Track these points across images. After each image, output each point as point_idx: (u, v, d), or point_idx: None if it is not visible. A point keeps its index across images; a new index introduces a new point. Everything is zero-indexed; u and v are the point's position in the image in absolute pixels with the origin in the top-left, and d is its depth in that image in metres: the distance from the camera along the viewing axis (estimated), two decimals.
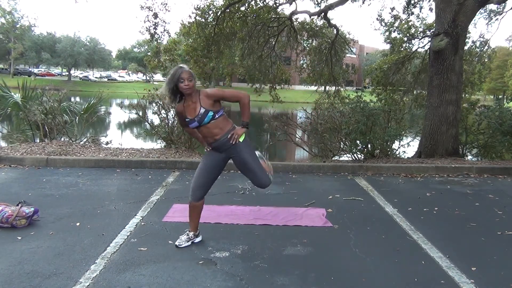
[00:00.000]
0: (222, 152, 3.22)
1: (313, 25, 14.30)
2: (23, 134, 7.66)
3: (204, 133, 3.18)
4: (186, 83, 3.04)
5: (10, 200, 3.94)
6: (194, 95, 3.12)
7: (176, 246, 3.25)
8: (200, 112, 3.07)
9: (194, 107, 3.10)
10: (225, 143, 3.16)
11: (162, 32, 12.03)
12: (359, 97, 7.18)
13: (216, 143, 3.17)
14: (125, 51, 73.83)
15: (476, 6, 7.41)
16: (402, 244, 3.50)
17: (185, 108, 3.14)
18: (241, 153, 3.19)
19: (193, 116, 3.11)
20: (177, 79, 3.03)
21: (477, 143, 7.83)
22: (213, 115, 3.09)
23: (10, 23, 55.11)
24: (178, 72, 3.04)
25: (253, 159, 3.24)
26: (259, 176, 3.25)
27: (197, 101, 3.10)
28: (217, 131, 3.14)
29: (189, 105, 3.13)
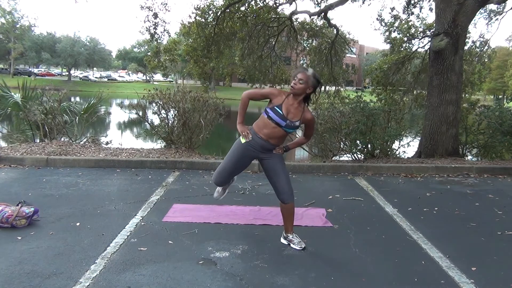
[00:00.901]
0: (258, 152, 3.22)
1: (313, 25, 14.32)
2: (23, 134, 7.65)
3: (270, 132, 3.15)
4: (296, 81, 3.08)
5: (10, 200, 3.94)
6: (299, 103, 3.15)
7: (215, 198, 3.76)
8: (296, 123, 3.14)
9: (294, 112, 3.13)
10: (270, 149, 3.22)
11: (162, 32, 12.07)
12: (359, 97, 7.18)
13: (266, 144, 3.18)
14: (125, 51, 73.85)
15: (476, 6, 7.41)
16: (402, 244, 3.50)
17: (285, 102, 3.12)
18: (276, 160, 3.25)
19: (287, 117, 3.11)
20: (293, 75, 3.13)
21: (477, 143, 7.83)
22: (293, 131, 3.28)
23: (10, 23, 55.11)
24: (297, 71, 3.15)
25: (284, 172, 3.28)
26: (285, 187, 3.24)
27: (300, 112, 3.15)
28: (278, 140, 3.21)
29: (291, 104, 3.13)
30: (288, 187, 3.25)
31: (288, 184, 3.25)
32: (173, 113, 7.07)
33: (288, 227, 3.37)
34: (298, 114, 3.14)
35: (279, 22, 12.27)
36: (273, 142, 3.19)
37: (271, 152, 3.24)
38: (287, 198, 3.25)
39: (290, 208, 3.30)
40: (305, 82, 3.07)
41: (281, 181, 3.24)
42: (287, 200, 3.26)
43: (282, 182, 3.24)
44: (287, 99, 3.13)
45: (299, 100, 3.14)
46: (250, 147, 3.21)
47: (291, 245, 3.31)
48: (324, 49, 14.20)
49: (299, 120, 3.15)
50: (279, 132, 3.15)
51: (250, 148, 3.21)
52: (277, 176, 3.24)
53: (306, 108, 3.21)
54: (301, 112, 3.15)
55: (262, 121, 3.19)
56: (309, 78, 3.08)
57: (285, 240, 3.38)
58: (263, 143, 3.18)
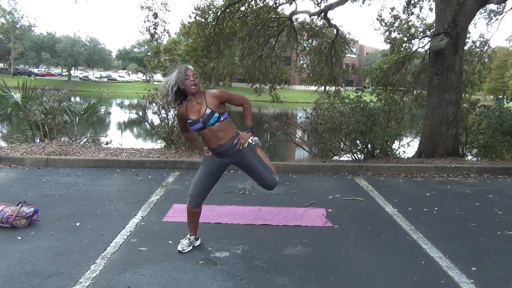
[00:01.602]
0: (225, 158, 3.10)
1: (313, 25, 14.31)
2: (23, 134, 7.66)
3: (208, 136, 3.02)
4: (191, 79, 2.92)
5: (10, 200, 3.94)
6: (199, 95, 3.00)
7: (180, 251, 3.14)
8: (206, 112, 2.94)
9: (198, 108, 2.97)
10: (230, 148, 3.04)
11: (162, 32, 12.05)
12: (359, 97, 7.18)
13: (220, 148, 3.04)
14: (125, 51, 73.82)
15: (476, 6, 7.41)
16: (402, 244, 3.50)
17: (188, 109, 3.00)
18: (245, 157, 3.08)
19: (197, 117, 2.97)
20: (183, 76, 2.92)
21: (477, 143, 7.83)
22: (218, 117, 2.97)
23: (10, 23, 55.09)
24: (183, 69, 2.95)
25: (257, 161, 3.11)
26: (264, 176, 3.11)
27: (203, 101, 2.97)
28: (221, 135, 3.01)
29: (193, 105, 3.00)
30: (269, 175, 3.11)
31: (267, 172, 3.11)
32: (173, 113, 7.08)
33: None
34: (203, 106, 2.96)
35: (279, 22, 12.27)
36: (223, 142, 3.02)
37: (235, 150, 3.05)
38: (272, 186, 3.15)
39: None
40: (197, 75, 2.98)
41: (259, 173, 3.10)
42: (273, 187, 3.16)
43: (260, 173, 3.10)
44: (188, 106, 3.01)
45: (197, 95, 2.99)
46: (214, 156, 3.13)
47: None
48: (324, 49, 14.20)
49: (208, 108, 2.95)
50: (209, 132, 3.00)
51: (214, 158, 3.13)
52: (253, 169, 3.11)
53: (206, 92, 3.03)
54: (204, 101, 2.97)
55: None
56: (194, 70, 2.99)
57: None
58: (220, 150, 3.05)
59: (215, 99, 2.99)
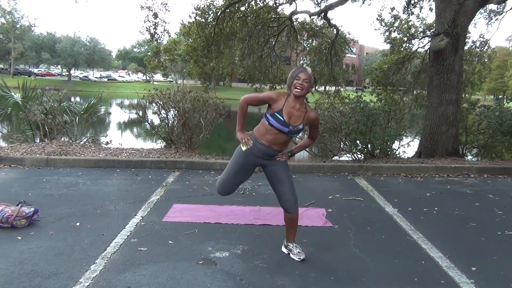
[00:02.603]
0: (261, 159, 3.05)
1: (313, 25, 14.32)
2: (23, 134, 7.66)
3: (275, 137, 2.97)
4: (300, 82, 2.88)
5: (10, 200, 3.94)
6: (301, 104, 2.96)
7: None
8: (299, 127, 2.96)
9: (297, 115, 2.94)
10: (273, 155, 3.05)
11: (162, 32, 12.07)
12: (359, 97, 7.18)
13: (269, 150, 3.01)
14: (125, 51, 73.85)
15: (476, 6, 7.41)
16: (402, 244, 3.50)
17: (285, 105, 2.92)
18: (280, 167, 3.08)
19: (288, 121, 2.92)
20: (295, 76, 2.91)
21: (477, 143, 7.83)
22: (296, 135, 3.08)
23: (10, 23, 55.11)
24: (298, 70, 2.94)
25: (289, 176, 3.11)
26: (289, 195, 3.05)
27: (302, 112, 2.95)
28: (282, 143, 3.04)
29: (291, 106, 2.93)
30: (292, 196, 3.06)
31: (292, 193, 3.06)
32: (173, 113, 7.07)
33: (290, 236, 3.20)
34: (301, 117, 2.96)
35: (279, 22, 12.27)
36: (276, 148, 3.01)
37: (274, 158, 3.06)
38: (290, 208, 3.07)
39: (293, 218, 3.11)
40: (309, 81, 2.90)
41: (284, 189, 3.06)
42: (291, 209, 3.08)
43: (285, 190, 3.06)
44: (287, 103, 2.93)
45: (301, 101, 2.96)
46: (252, 154, 3.03)
47: (290, 255, 3.16)
48: (324, 49, 14.21)
49: (302, 123, 2.97)
50: (282, 137, 2.98)
51: (252, 155, 3.03)
52: (281, 184, 3.07)
53: (309, 107, 3.02)
54: (304, 113, 2.96)
55: (263, 127, 3.00)
56: (311, 77, 2.93)
57: (285, 249, 3.24)
58: (265, 149, 3.00)
59: (310, 121, 3.04)
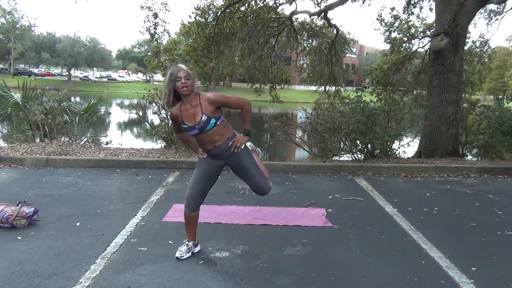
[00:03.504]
0: (220, 159, 3.02)
1: (313, 25, 14.31)
2: (23, 134, 7.66)
3: (203, 140, 2.95)
4: (183, 81, 2.79)
5: (10, 200, 3.94)
6: (194, 98, 2.87)
7: (178, 258, 3.04)
8: (202, 119, 2.84)
9: (193, 112, 2.86)
10: (226, 150, 2.97)
11: (162, 32, 12.05)
12: (359, 97, 7.18)
13: (215, 150, 2.96)
14: (125, 51, 73.82)
15: (476, 6, 7.41)
16: (402, 244, 3.50)
17: (182, 112, 2.89)
18: (240, 159, 3.01)
19: (192, 123, 2.87)
20: (174, 78, 2.81)
21: (477, 143, 7.83)
22: (215, 122, 2.87)
23: (10, 23, 55.10)
24: (175, 71, 2.83)
25: (251, 164, 3.04)
26: (258, 181, 3.04)
27: (198, 105, 2.85)
28: (217, 138, 2.93)
29: (187, 109, 2.88)
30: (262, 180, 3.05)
31: (262, 178, 3.05)
32: None
33: None
34: (198, 110, 2.85)
35: (279, 22, 12.26)
36: (218, 144, 2.94)
37: (230, 152, 2.98)
38: (266, 190, 3.08)
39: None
40: (190, 77, 2.82)
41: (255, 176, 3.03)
42: (267, 191, 3.08)
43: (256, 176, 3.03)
44: (182, 109, 2.89)
45: (192, 97, 2.87)
46: (209, 158, 3.04)
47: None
48: (324, 49, 14.19)
49: (203, 113, 2.84)
50: (205, 136, 2.91)
51: (209, 159, 3.04)
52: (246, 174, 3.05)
53: (201, 95, 2.89)
54: (199, 105, 2.85)
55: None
56: (188, 71, 2.85)
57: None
58: (212, 152, 2.98)
59: (210, 104, 2.86)
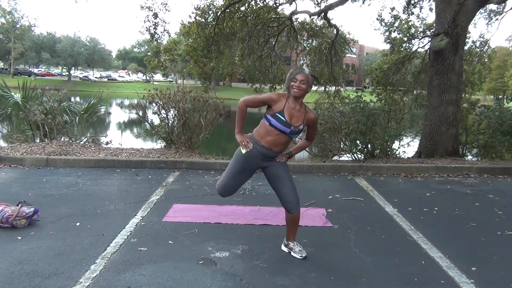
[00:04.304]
0: (262, 161, 3.05)
1: (313, 25, 14.32)
2: (23, 134, 7.66)
3: (276, 138, 2.97)
4: (297, 84, 2.90)
5: (10, 200, 3.94)
6: (301, 104, 3.00)
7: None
8: (300, 127, 2.98)
9: (297, 116, 2.96)
10: (273, 157, 3.04)
11: (162, 32, 12.07)
12: (359, 97, 7.18)
13: (268, 151, 2.99)
14: (125, 51, 73.84)
15: (476, 6, 7.42)
16: (402, 244, 3.50)
17: (286, 106, 2.94)
18: (281, 169, 3.08)
19: (289, 121, 2.93)
20: (292, 77, 2.92)
21: (477, 143, 7.83)
22: (297, 136, 3.10)
23: (10, 23, 55.11)
24: (296, 71, 2.95)
25: (288, 174, 3.11)
26: (289, 191, 3.05)
27: (302, 112, 2.98)
28: (282, 146, 3.04)
29: (292, 107, 2.95)
30: (294, 197, 3.06)
31: (294, 193, 3.07)
32: (173, 113, 7.07)
33: (290, 235, 3.21)
34: (301, 117, 2.98)
35: (279, 22, 12.26)
36: (276, 150, 3.01)
37: (274, 160, 3.07)
38: (292, 208, 3.07)
39: (295, 218, 3.11)
40: (306, 82, 2.92)
41: (286, 190, 3.06)
42: (293, 210, 3.07)
43: (287, 191, 3.06)
44: (288, 103, 2.94)
45: (300, 102, 2.99)
46: (252, 157, 3.01)
47: (291, 253, 3.17)
48: (324, 49, 14.20)
49: (302, 124, 2.99)
50: (283, 138, 2.98)
51: (252, 158, 3.02)
52: (281, 183, 3.07)
53: (308, 108, 3.04)
54: (304, 114, 2.99)
55: (263, 129, 2.98)
56: (309, 77, 2.94)
57: (286, 247, 3.24)
58: (265, 151, 2.99)
59: (309, 122, 3.06)
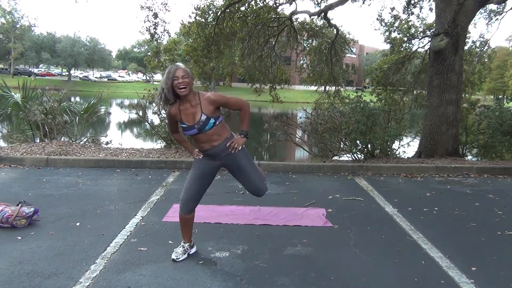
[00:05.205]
0: (217, 160, 3.00)
1: (313, 25, 14.31)
2: (23, 134, 7.66)
3: (201, 140, 2.92)
4: (180, 80, 2.74)
5: (10, 200, 3.94)
6: (193, 97, 2.84)
7: (174, 260, 3.00)
8: (202, 119, 2.81)
9: (193, 112, 2.83)
10: (223, 150, 2.94)
11: (162, 32, 12.04)
12: (359, 97, 7.18)
13: (213, 150, 2.94)
14: (125, 51, 73.81)
15: (476, 6, 7.41)
16: (402, 244, 3.50)
17: (182, 112, 2.86)
18: (237, 159, 2.99)
19: (192, 123, 2.84)
20: (172, 77, 2.76)
21: (477, 143, 7.83)
22: (214, 122, 2.85)
23: (10, 23, 55.11)
24: (172, 69, 2.78)
25: (249, 164, 3.04)
26: (255, 181, 3.04)
27: (197, 105, 2.83)
28: (215, 138, 2.91)
29: (186, 108, 2.85)
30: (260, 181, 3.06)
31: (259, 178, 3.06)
32: None
33: None
34: (198, 110, 2.82)
35: (279, 22, 12.26)
36: (216, 144, 2.92)
37: (228, 152, 2.95)
38: (263, 191, 3.10)
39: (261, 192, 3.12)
40: (187, 75, 2.77)
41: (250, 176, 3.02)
42: (263, 192, 3.10)
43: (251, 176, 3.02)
44: (181, 109, 2.86)
45: (191, 96, 2.83)
46: (205, 159, 3.01)
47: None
48: (324, 49, 14.20)
49: (203, 113, 2.81)
50: (204, 136, 2.89)
51: (206, 160, 3.01)
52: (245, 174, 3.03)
53: (201, 94, 2.87)
54: (199, 104, 2.83)
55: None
56: (186, 69, 2.81)
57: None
58: (209, 151, 2.95)
59: (210, 104, 2.84)
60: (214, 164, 3.04)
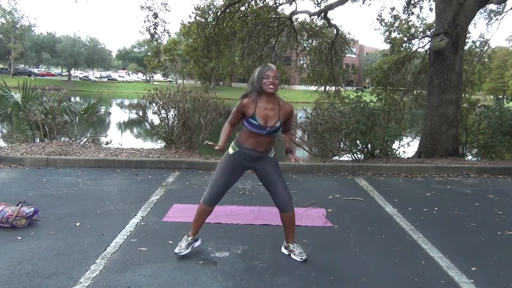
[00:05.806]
0: (252, 162, 3.05)
1: (313, 25, 14.32)
2: (23, 134, 7.66)
3: (259, 140, 2.96)
4: (271, 80, 2.84)
5: (10, 200, 3.94)
6: (273, 100, 2.93)
7: (176, 253, 3.05)
8: (276, 125, 2.92)
9: (270, 115, 2.91)
10: (263, 157, 3.03)
11: (162, 32, 12.07)
12: (359, 97, 7.18)
13: (256, 153, 3.00)
14: (125, 51, 73.83)
15: (476, 6, 7.42)
16: (402, 244, 3.50)
17: (258, 108, 2.90)
18: (272, 167, 3.08)
19: (265, 124, 2.90)
20: (263, 75, 2.86)
21: (477, 143, 7.83)
22: (277, 133, 3.00)
23: (10, 23, 55.12)
24: (265, 69, 2.89)
25: (278, 172, 3.11)
26: (282, 190, 3.06)
27: (277, 110, 2.93)
28: (268, 144, 3.01)
29: (264, 107, 2.90)
30: (286, 195, 3.07)
31: (286, 192, 3.08)
32: (173, 113, 7.08)
33: (289, 237, 3.18)
34: (276, 115, 2.93)
35: (279, 22, 12.27)
36: (261, 150, 2.99)
37: (263, 160, 3.05)
38: (286, 207, 3.08)
39: (290, 217, 3.12)
40: (277, 78, 2.90)
41: (278, 190, 3.06)
42: (286, 209, 3.09)
43: (279, 190, 3.06)
44: (258, 106, 2.90)
45: (273, 98, 2.94)
46: (239, 157, 3.03)
47: (291, 255, 3.14)
48: (324, 49, 14.21)
49: (278, 120, 2.93)
50: (264, 139, 2.97)
51: (239, 158, 3.04)
52: (274, 184, 3.07)
53: (282, 101, 3.00)
54: (278, 110, 2.94)
55: (245, 132, 3.01)
56: (278, 73, 2.94)
57: (286, 250, 3.22)
58: (250, 152, 3.00)
59: (286, 114, 3.00)
60: (246, 165, 3.10)
